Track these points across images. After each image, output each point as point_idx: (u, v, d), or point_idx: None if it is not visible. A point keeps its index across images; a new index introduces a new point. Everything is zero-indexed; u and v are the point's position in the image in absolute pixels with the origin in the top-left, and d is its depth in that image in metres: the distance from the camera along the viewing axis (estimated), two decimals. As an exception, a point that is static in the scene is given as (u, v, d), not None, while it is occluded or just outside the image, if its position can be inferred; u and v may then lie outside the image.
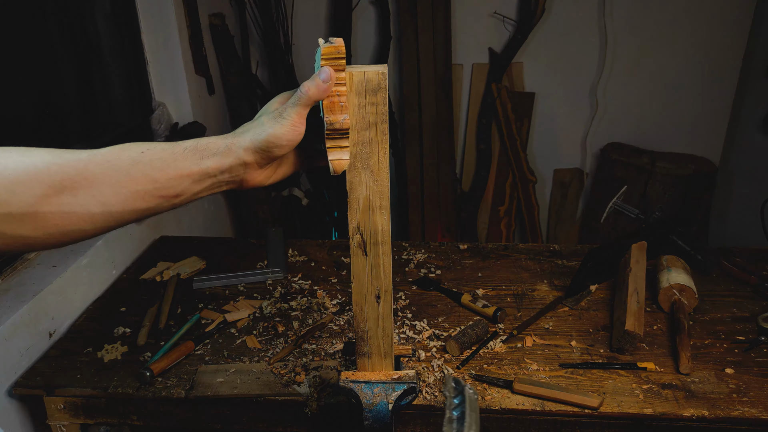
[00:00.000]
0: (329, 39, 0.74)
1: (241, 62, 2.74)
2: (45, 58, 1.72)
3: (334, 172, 0.78)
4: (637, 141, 3.10)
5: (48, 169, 0.65)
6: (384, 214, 0.86)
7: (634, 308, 1.35)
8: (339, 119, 0.75)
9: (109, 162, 0.68)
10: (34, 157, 0.65)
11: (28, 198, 0.63)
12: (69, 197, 0.66)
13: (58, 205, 0.65)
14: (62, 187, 0.65)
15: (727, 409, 1.14)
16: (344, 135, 0.77)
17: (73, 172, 0.66)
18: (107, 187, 0.67)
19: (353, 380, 0.95)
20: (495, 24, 2.95)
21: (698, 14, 2.85)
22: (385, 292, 0.90)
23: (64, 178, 0.65)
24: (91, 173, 0.66)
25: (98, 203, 0.67)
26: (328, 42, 0.74)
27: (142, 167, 0.69)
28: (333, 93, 0.75)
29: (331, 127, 0.76)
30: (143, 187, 0.69)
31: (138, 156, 0.69)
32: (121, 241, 1.72)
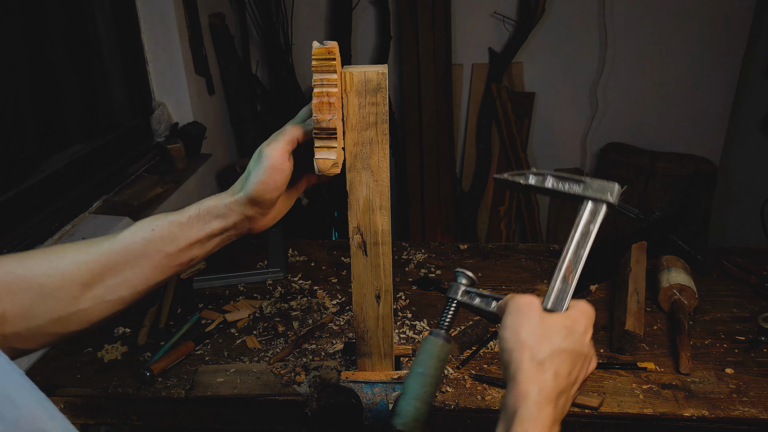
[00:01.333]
0: (324, 42, 0.74)
1: (241, 62, 2.74)
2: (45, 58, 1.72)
3: (319, 171, 0.77)
4: (637, 141, 3.10)
5: (78, 268, 0.71)
6: (384, 214, 0.86)
7: (634, 308, 1.35)
8: (326, 118, 0.75)
9: (126, 247, 0.74)
10: (65, 260, 0.71)
11: (70, 299, 0.70)
12: (101, 289, 0.72)
13: (93, 298, 0.72)
14: (93, 281, 0.72)
15: (727, 409, 1.14)
16: (332, 135, 0.76)
17: (99, 266, 0.72)
18: (129, 271, 0.73)
19: (353, 380, 0.95)
20: (495, 24, 2.95)
21: (698, 14, 2.85)
22: (385, 292, 0.90)
23: (93, 273, 0.72)
24: (114, 262, 0.73)
25: (126, 287, 0.74)
26: (322, 44, 0.74)
27: (154, 245, 0.74)
28: (323, 93, 0.75)
29: (319, 127, 0.75)
30: (159, 262, 0.75)
31: (149, 234, 0.75)
32: (121, 241, 1.72)
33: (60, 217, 1.62)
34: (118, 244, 0.74)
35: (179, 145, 2.10)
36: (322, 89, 0.74)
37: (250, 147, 2.81)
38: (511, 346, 0.66)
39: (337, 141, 0.77)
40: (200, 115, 2.34)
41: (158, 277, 0.76)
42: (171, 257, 0.75)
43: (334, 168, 0.77)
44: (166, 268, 0.76)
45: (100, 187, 1.82)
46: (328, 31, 3.01)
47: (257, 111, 2.90)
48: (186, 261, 0.77)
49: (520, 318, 0.67)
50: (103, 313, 0.74)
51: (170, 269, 0.76)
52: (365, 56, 3.05)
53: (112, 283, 0.73)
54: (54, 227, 1.59)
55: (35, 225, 1.54)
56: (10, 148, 1.57)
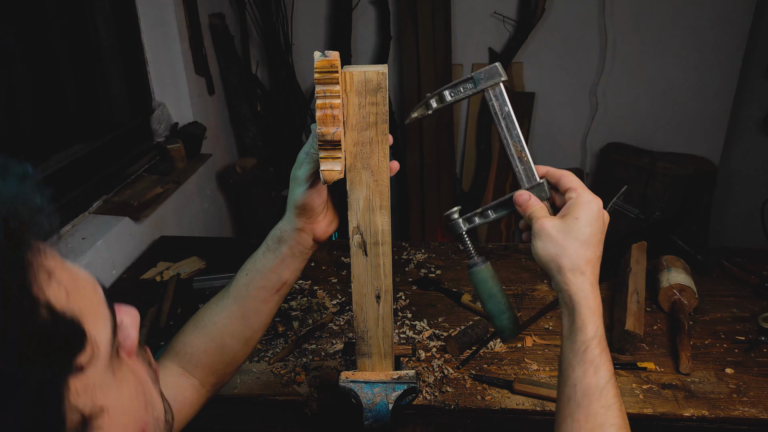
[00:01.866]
0: (324, 52, 0.73)
1: (241, 62, 2.74)
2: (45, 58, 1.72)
3: (324, 181, 0.78)
4: (637, 141, 3.10)
5: (225, 332, 0.92)
6: (384, 214, 0.85)
7: (634, 308, 1.35)
8: (330, 131, 0.75)
9: (240, 296, 0.91)
10: (218, 329, 0.92)
11: (230, 353, 0.93)
12: (238, 344, 0.93)
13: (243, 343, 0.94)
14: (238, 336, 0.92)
15: (727, 409, 1.14)
16: (336, 146, 0.77)
17: (232, 321, 0.91)
18: (251, 314, 0.91)
19: (353, 380, 0.95)
20: (495, 24, 2.95)
21: (698, 15, 2.85)
22: (385, 292, 0.90)
23: (234, 331, 0.92)
24: (236, 313, 0.91)
25: (254, 330, 0.93)
26: (323, 55, 0.73)
27: (255, 284, 0.90)
28: (326, 105, 0.75)
29: (323, 139, 0.76)
30: (262, 294, 0.90)
31: (247, 279, 0.90)
32: (121, 241, 1.72)
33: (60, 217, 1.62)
34: (232, 298, 0.91)
35: (179, 145, 2.10)
36: (325, 101, 0.74)
37: (250, 147, 2.81)
38: (548, 259, 0.79)
39: (341, 151, 0.77)
40: (200, 115, 2.34)
41: (269, 306, 0.92)
42: (267, 285, 0.90)
43: (339, 175, 0.78)
44: (269, 297, 0.91)
45: (100, 187, 1.82)
46: (328, 31, 3.01)
47: (257, 111, 2.90)
48: (279, 285, 0.90)
49: (544, 242, 0.79)
50: (245, 352, 0.95)
51: (272, 297, 0.91)
52: (365, 56, 3.05)
53: (242, 324, 0.91)
54: (54, 227, 1.59)
55: (35, 225, 1.54)
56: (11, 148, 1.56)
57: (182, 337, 0.92)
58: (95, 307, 0.47)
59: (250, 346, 0.94)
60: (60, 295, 0.41)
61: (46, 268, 0.41)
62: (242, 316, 0.91)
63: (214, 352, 0.91)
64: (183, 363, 0.91)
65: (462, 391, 1.20)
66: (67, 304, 0.42)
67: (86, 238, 1.61)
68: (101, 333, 0.46)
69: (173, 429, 0.60)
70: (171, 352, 0.92)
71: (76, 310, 0.43)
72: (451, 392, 1.20)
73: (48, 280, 0.41)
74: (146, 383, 0.54)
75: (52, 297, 0.41)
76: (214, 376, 0.93)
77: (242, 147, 2.84)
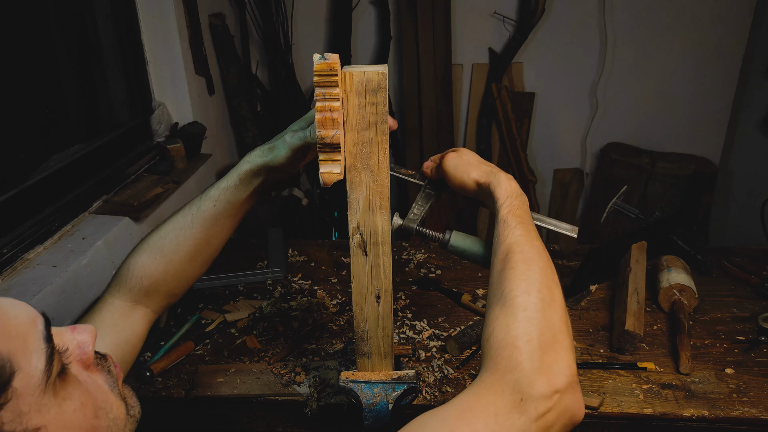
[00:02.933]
0: (324, 54, 0.73)
1: (241, 62, 2.74)
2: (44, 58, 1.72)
3: (324, 184, 0.78)
4: (637, 141, 3.10)
5: (187, 245, 0.99)
6: (384, 214, 0.86)
7: (634, 308, 1.35)
8: (330, 134, 0.75)
9: (207, 224, 0.98)
10: (179, 241, 0.99)
11: (189, 275, 1.04)
12: (199, 266, 1.05)
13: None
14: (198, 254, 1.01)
15: (727, 409, 1.14)
16: (336, 149, 0.77)
17: (197, 241, 0.99)
18: (216, 240, 1.01)
19: (353, 380, 0.95)
20: (495, 24, 2.95)
21: (698, 14, 2.85)
22: (385, 292, 0.90)
23: (197, 247, 1.00)
24: (201, 240, 0.99)
25: (216, 250, 1.04)
26: (323, 58, 0.73)
27: (224, 213, 0.97)
28: (326, 108, 0.75)
29: (323, 142, 0.76)
30: (229, 222, 0.99)
31: (215, 210, 0.97)
32: (121, 241, 1.72)
33: (60, 217, 1.62)
34: (198, 226, 0.96)
35: (179, 145, 2.10)
36: (324, 103, 0.74)
37: (250, 147, 2.81)
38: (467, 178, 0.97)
39: (340, 154, 0.77)
40: (200, 115, 2.34)
41: (229, 233, 1.01)
42: (234, 216, 0.98)
43: (338, 177, 0.78)
44: (233, 224, 1.00)
45: (100, 187, 1.82)
46: (328, 31, 3.01)
47: (257, 111, 2.90)
48: (243, 214, 1.00)
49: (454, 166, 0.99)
50: (201, 273, 1.05)
51: (236, 223, 1.01)
52: (365, 56, 3.05)
53: (206, 251, 1.00)
54: (54, 227, 1.59)
55: (35, 225, 1.54)
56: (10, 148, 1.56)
57: (136, 269, 0.96)
58: (27, 344, 0.54)
59: (207, 265, 1.04)
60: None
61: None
62: (207, 242, 0.98)
63: (174, 278, 0.98)
64: (137, 296, 0.96)
65: (462, 390, 1.20)
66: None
67: (86, 238, 1.61)
68: (33, 365, 0.54)
69: (132, 397, 0.69)
70: (122, 288, 0.96)
71: (4, 352, 0.52)
72: (451, 392, 1.20)
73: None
74: (99, 391, 0.63)
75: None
76: (169, 299, 1.02)
77: (242, 147, 2.84)
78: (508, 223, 0.86)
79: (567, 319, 0.76)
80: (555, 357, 0.68)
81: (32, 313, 0.58)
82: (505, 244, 0.84)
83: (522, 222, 0.86)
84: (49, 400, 0.55)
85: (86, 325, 0.64)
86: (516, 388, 0.66)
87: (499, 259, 0.82)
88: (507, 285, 0.77)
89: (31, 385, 0.53)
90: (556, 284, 0.80)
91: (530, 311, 0.73)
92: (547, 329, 0.71)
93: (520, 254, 0.81)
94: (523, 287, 0.76)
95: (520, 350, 0.68)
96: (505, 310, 0.74)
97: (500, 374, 0.68)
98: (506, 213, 0.87)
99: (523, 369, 0.67)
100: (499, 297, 0.77)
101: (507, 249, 0.82)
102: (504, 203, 0.89)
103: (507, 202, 0.89)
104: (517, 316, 0.72)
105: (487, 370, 0.70)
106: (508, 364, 0.68)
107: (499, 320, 0.73)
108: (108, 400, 0.64)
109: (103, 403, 0.62)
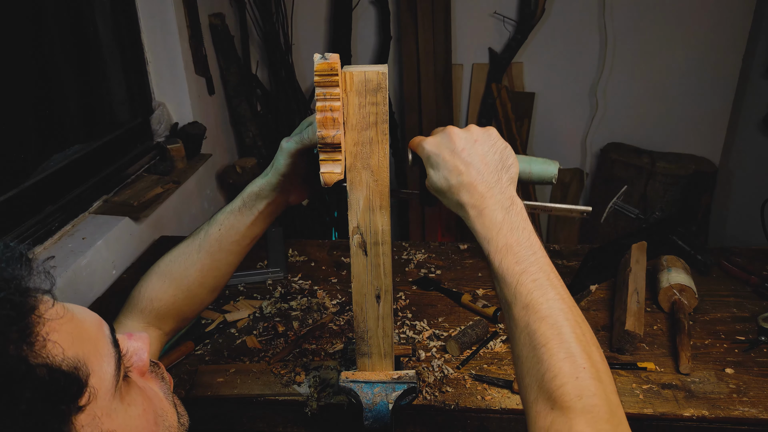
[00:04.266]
0: (324, 54, 0.73)
1: (241, 62, 2.74)
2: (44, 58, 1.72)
3: (325, 184, 0.78)
4: (637, 141, 3.10)
5: (194, 273, 0.98)
6: (384, 214, 0.86)
7: (634, 308, 1.35)
8: (331, 134, 0.75)
9: (212, 250, 0.96)
10: (185, 269, 0.97)
11: (199, 300, 1.02)
12: (208, 292, 1.01)
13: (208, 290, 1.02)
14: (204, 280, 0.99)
15: (727, 409, 1.14)
16: (336, 149, 0.77)
17: (203, 267, 0.97)
18: (223, 266, 0.98)
19: (353, 380, 0.95)
20: (495, 24, 2.95)
21: (698, 14, 2.85)
22: (385, 292, 0.90)
23: (203, 274, 0.98)
24: (208, 266, 0.97)
25: (224, 277, 1.00)
26: (323, 57, 0.73)
27: (229, 239, 0.95)
28: (326, 108, 0.75)
29: (323, 141, 0.76)
30: (235, 248, 0.97)
31: (220, 235, 0.95)
32: (121, 241, 1.72)
33: (60, 217, 1.62)
34: (204, 251, 0.95)
35: (179, 145, 2.10)
36: (325, 103, 0.74)
37: (250, 147, 2.81)
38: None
39: (341, 153, 0.77)
40: (200, 115, 2.34)
41: (237, 259, 0.98)
42: (239, 242, 0.95)
43: (339, 177, 0.78)
44: (239, 249, 0.97)
45: (100, 187, 1.82)
46: (328, 31, 3.01)
47: (257, 111, 2.90)
48: (251, 240, 0.97)
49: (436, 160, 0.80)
50: (212, 299, 1.02)
51: (245, 250, 0.98)
52: (365, 56, 3.05)
53: (212, 276, 0.97)
54: (54, 227, 1.59)
55: (35, 225, 1.54)
56: (10, 148, 1.56)
57: (147, 293, 0.96)
58: (98, 348, 0.55)
59: (217, 292, 1.02)
60: (57, 351, 0.50)
61: (41, 335, 0.49)
62: (214, 268, 0.97)
63: (183, 302, 0.97)
64: (149, 318, 0.96)
65: (462, 391, 1.20)
66: (67, 355, 0.50)
67: (86, 238, 1.61)
68: (105, 369, 0.54)
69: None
70: (134, 310, 0.97)
71: (80, 355, 0.52)
72: (451, 392, 1.20)
73: (43, 344, 0.49)
74: (156, 398, 0.63)
75: (50, 357, 0.49)
76: (180, 322, 1.01)
77: (242, 147, 2.84)
78: (507, 282, 0.70)
79: (612, 380, 0.66)
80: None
81: (99, 318, 0.58)
82: (516, 309, 0.68)
83: (524, 270, 0.69)
84: (118, 405, 0.55)
85: (141, 333, 0.65)
86: None
87: (519, 331, 0.68)
88: (546, 369, 0.64)
89: (103, 388, 0.53)
90: (593, 342, 0.67)
91: (586, 398, 0.62)
92: (608, 413, 0.62)
93: (543, 323, 0.66)
94: (566, 370, 0.63)
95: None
96: (558, 403, 0.63)
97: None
98: (498, 265, 0.71)
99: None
100: (540, 384, 0.65)
101: (525, 321, 0.67)
102: (489, 252, 0.72)
103: (491, 247, 0.71)
104: (575, 409, 0.61)
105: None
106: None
107: (555, 414, 0.62)
108: (164, 407, 0.64)
109: (161, 410, 0.63)
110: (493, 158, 0.76)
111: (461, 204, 0.74)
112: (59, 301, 0.54)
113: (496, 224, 0.72)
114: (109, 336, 0.57)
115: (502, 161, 0.76)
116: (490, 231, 0.72)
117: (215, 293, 1.02)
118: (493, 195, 0.73)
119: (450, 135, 0.79)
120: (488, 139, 0.78)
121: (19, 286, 0.50)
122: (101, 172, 1.86)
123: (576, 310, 0.69)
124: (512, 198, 0.74)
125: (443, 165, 0.76)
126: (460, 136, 0.78)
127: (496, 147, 0.77)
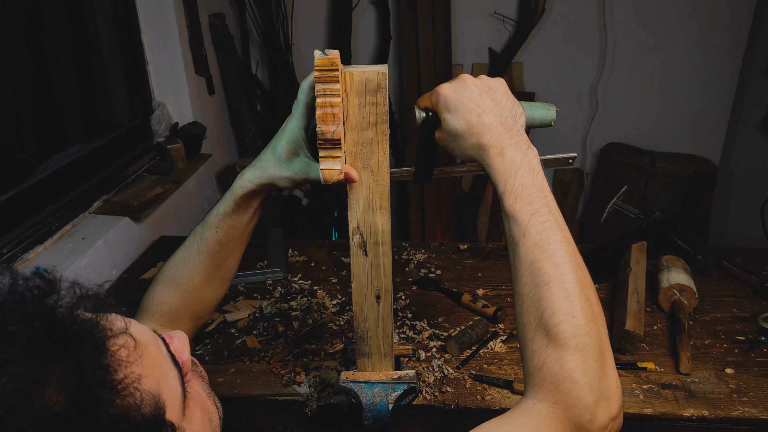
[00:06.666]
0: (325, 51, 0.74)
1: (241, 62, 2.74)
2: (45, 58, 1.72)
3: (324, 181, 0.77)
4: (637, 141, 3.10)
5: (199, 278, 0.98)
6: (384, 214, 0.85)
7: (634, 308, 1.35)
8: (331, 129, 0.75)
9: (212, 251, 0.95)
10: (190, 275, 0.97)
11: (208, 298, 1.02)
12: (215, 289, 1.01)
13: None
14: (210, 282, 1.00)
15: (727, 409, 1.14)
16: (336, 145, 0.76)
17: (208, 270, 0.97)
18: (226, 262, 0.98)
19: (353, 380, 0.95)
20: (495, 24, 2.95)
21: (698, 14, 2.85)
22: (385, 292, 0.90)
23: (208, 276, 0.99)
24: (211, 266, 0.97)
25: (229, 271, 1.00)
26: (324, 53, 0.73)
27: (228, 237, 0.95)
28: (326, 104, 0.75)
29: (323, 137, 0.75)
30: (235, 243, 0.96)
31: (218, 236, 0.94)
32: (121, 241, 1.72)
33: (60, 217, 1.62)
34: (204, 254, 0.94)
35: (179, 145, 2.10)
36: (325, 99, 0.74)
37: (250, 147, 2.81)
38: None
39: (341, 150, 0.77)
40: (200, 115, 2.34)
41: (240, 251, 0.98)
42: (239, 237, 0.95)
43: (339, 175, 0.77)
44: (241, 243, 0.97)
45: (100, 187, 1.82)
46: (328, 31, 3.01)
47: (257, 111, 2.90)
48: (250, 232, 0.97)
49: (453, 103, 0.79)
50: (223, 292, 1.02)
51: (245, 242, 0.98)
52: (365, 56, 3.05)
53: (218, 273, 0.98)
54: (54, 227, 1.59)
55: (35, 225, 1.54)
56: (10, 148, 1.56)
57: (156, 298, 0.97)
58: (164, 372, 0.51)
59: (226, 284, 1.01)
60: (137, 396, 0.46)
61: (123, 383, 0.45)
62: (217, 266, 0.97)
63: (193, 302, 0.98)
64: (161, 321, 0.97)
65: (462, 391, 1.20)
66: (145, 398, 0.46)
67: (86, 238, 1.61)
68: (173, 386, 0.51)
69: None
70: (146, 314, 0.97)
71: (154, 389, 0.48)
72: (451, 392, 1.20)
73: (126, 392, 0.45)
74: (203, 401, 0.60)
75: (133, 405, 0.45)
76: (195, 321, 1.01)
77: (242, 147, 2.84)
78: (518, 220, 0.72)
79: (604, 322, 0.70)
80: (608, 382, 0.66)
81: (151, 332, 0.54)
82: (524, 247, 0.71)
83: (535, 211, 0.72)
84: (186, 423, 0.52)
85: (177, 332, 0.61)
86: (578, 425, 0.64)
87: (524, 269, 0.71)
88: (546, 307, 0.69)
89: (176, 416, 0.50)
90: (590, 286, 0.71)
91: (579, 337, 0.66)
92: (598, 353, 0.66)
93: (548, 262, 0.69)
94: (565, 308, 0.67)
95: (579, 385, 0.64)
96: (553, 340, 0.67)
97: (561, 409, 0.65)
98: (511, 204, 0.73)
99: (585, 404, 0.64)
100: (539, 321, 0.69)
101: (530, 258, 0.71)
102: (504, 191, 0.74)
103: (508, 186, 0.74)
104: (568, 346, 0.66)
105: (543, 400, 0.66)
106: (568, 400, 0.64)
107: (549, 350, 0.67)
108: (210, 409, 0.61)
109: (209, 413, 0.60)
110: (507, 104, 0.79)
111: (480, 144, 0.76)
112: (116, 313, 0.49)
113: (515, 164, 0.75)
114: (167, 353, 0.53)
115: (514, 108, 0.80)
116: (509, 170, 0.75)
117: (225, 286, 1.01)
118: (512, 136, 0.76)
119: (466, 81, 0.79)
120: (501, 86, 0.80)
121: (90, 335, 0.45)
122: (101, 172, 1.86)
123: (578, 255, 0.73)
124: (528, 142, 0.78)
125: (463, 107, 0.77)
126: (475, 82, 0.79)
127: (508, 95, 0.80)
